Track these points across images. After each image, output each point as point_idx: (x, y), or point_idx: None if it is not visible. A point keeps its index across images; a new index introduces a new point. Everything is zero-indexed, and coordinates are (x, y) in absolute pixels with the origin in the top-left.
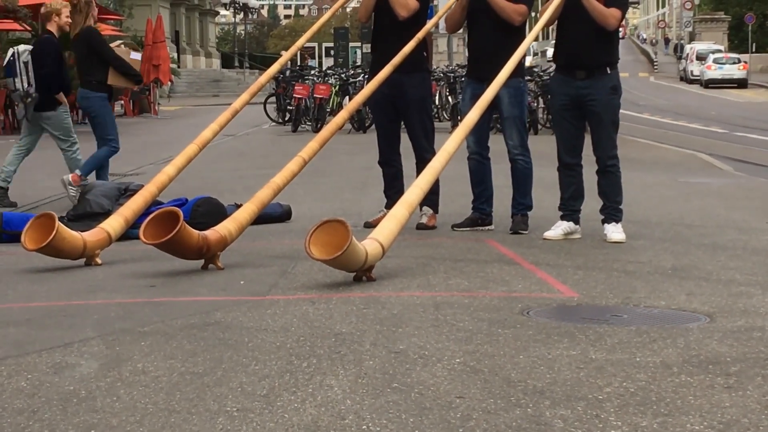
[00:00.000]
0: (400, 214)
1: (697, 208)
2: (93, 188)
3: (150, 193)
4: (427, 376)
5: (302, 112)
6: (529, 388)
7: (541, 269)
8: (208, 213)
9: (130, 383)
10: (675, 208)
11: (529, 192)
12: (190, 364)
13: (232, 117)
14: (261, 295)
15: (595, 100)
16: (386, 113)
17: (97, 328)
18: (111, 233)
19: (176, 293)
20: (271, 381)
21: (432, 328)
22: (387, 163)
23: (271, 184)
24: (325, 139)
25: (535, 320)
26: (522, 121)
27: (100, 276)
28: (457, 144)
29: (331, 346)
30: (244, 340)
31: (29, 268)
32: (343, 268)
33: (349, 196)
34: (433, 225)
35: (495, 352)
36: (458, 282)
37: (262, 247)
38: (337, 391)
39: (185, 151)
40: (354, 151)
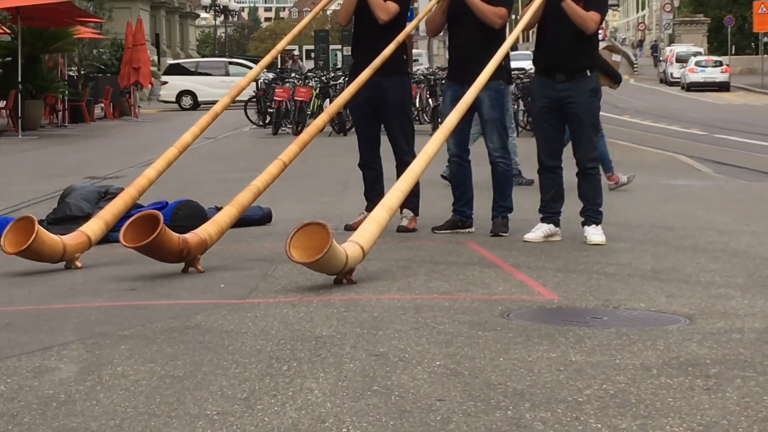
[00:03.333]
0: (380, 217)
1: (678, 211)
2: (73, 191)
3: (130, 197)
4: (407, 378)
5: (283, 114)
6: (510, 391)
7: (522, 271)
8: (189, 216)
9: (109, 387)
10: (655, 210)
11: (509, 194)
12: (170, 367)
13: (213, 120)
14: (241, 298)
15: (576, 103)
16: (366, 116)
17: (77, 332)
18: (91, 236)
19: (156, 296)
20: (252, 384)
21: (412, 330)
22: (367, 165)
23: (251, 187)
24: (306, 142)
25: (516, 323)
26: (502, 124)
27: (80, 279)
28: (438, 147)
29: (312, 349)
30: (225, 344)
31: (8, 271)
32: (323, 271)
33: (330, 199)
34: (413, 228)
35: (475, 354)
36: (438, 284)
37: (242, 250)
38: (317, 394)
39: (165, 155)
40: (334, 154)
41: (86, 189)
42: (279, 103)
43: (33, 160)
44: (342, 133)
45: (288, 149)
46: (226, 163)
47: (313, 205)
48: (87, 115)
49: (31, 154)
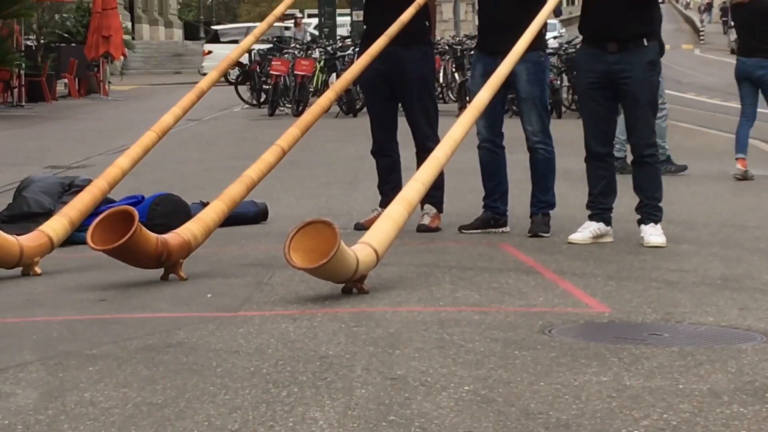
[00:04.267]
0: (397, 214)
1: (752, 206)
2: (31, 184)
3: (99, 190)
4: (430, 407)
5: (280, 92)
6: (552, 421)
7: (566, 279)
8: (169, 213)
9: (75, 416)
10: (725, 206)
11: (551, 187)
12: (147, 393)
13: (198, 99)
14: (232, 310)
15: (630, 78)
16: (381, 94)
17: (37, 351)
18: (53, 237)
19: (131, 309)
20: (244, 413)
21: (436, 349)
22: (382, 153)
23: (243, 179)
24: (308, 125)
25: (559, 340)
26: (543, 103)
27: (39, 288)
28: (466, 130)
29: (316, 372)
30: (212, 365)
31: None
32: (329, 279)
33: (337, 193)
34: (436, 226)
35: (511, 378)
36: (467, 295)
37: (233, 254)
38: (322, 425)
39: (142, 140)
40: (342, 139)
41: (47, 181)
42: (276, 78)
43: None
44: (351, 114)
45: (287, 133)
46: (214, 150)
47: (317, 200)
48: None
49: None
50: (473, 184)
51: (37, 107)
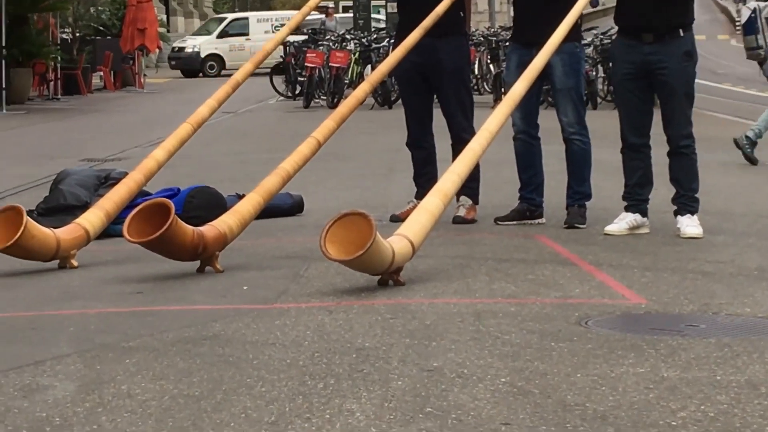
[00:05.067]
0: (432, 206)
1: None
2: (67, 176)
3: (135, 182)
4: (466, 398)
5: (315, 84)
6: (589, 413)
7: (602, 270)
8: (205, 205)
9: (113, 408)
10: (762, 196)
11: (587, 178)
12: (184, 385)
13: (233, 91)
14: (268, 302)
15: (666, 68)
16: (416, 85)
17: (74, 343)
18: (89, 230)
19: (167, 301)
20: (281, 405)
21: (472, 341)
22: (417, 144)
23: (279, 171)
24: (343, 117)
25: (595, 331)
26: (578, 94)
27: (76, 281)
28: (501, 122)
29: (352, 364)
30: (249, 357)
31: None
32: (365, 271)
33: (372, 185)
34: (472, 218)
35: (547, 369)
36: (503, 286)
37: (269, 246)
38: (359, 417)
39: (177, 132)
40: (377, 131)
41: (83, 174)
42: (311, 70)
43: (20, 140)
44: (386, 105)
45: (323, 125)
46: (249, 142)
47: (352, 192)
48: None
49: (18, 132)
50: (509, 175)
51: (72, 100)
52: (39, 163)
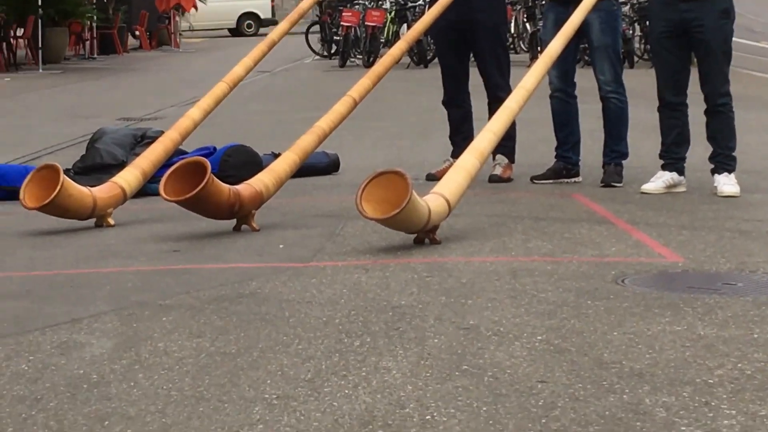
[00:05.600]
0: (469, 165)
1: None
2: (104, 135)
3: (171, 141)
4: (502, 356)
5: (351, 43)
6: (626, 371)
7: (639, 229)
8: (241, 164)
9: (149, 366)
10: None
11: (623, 137)
12: (220, 343)
13: (269, 50)
14: (304, 261)
15: (703, 26)
16: (452, 44)
17: (111, 301)
18: (126, 188)
19: (203, 259)
20: (317, 363)
21: (508, 299)
22: (453, 103)
23: (315, 130)
24: (379, 76)
25: (632, 290)
26: (616, 52)
27: (113, 239)
28: (538, 80)
29: (388, 322)
30: (285, 315)
31: (29, 230)
32: (401, 229)
33: (408, 144)
34: (508, 177)
35: (584, 328)
36: (539, 245)
37: (305, 205)
38: (395, 375)
39: (213, 91)
40: (413, 90)
41: (119, 133)
42: (347, 29)
43: (56, 99)
44: (422, 64)
45: (359, 84)
46: (285, 101)
47: (388, 151)
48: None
49: (54, 91)
50: (545, 134)
51: (108, 59)
52: (75, 122)
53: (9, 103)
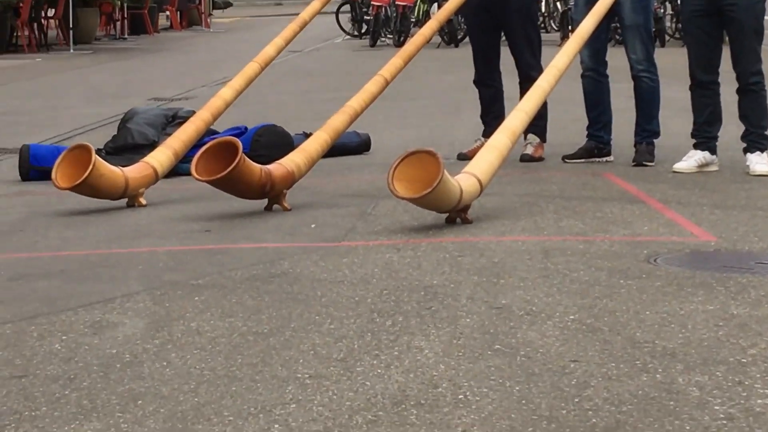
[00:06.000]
0: (500, 144)
1: None
2: (135, 115)
3: (203, 121)
4: (535, 335)
5: (382, 22)
6: (658, 350)
7: (671, 208)
8: (272, 144)
9: (182, 345)
10: None
11: (655, 116)
12: (252, 322)
13: (300, 29)
14: (336, 240)
15: (735, 5)
16: (483, 23)
17: (143, 281)
18: (157, 168)
19: (235, 239)
20: (350, 342)
21: (540, 279)
22: (484, 82)
23: (346, 109)
24: (411, 55)
25: (665, 269)
26: (647, 31)
27: (145, 219)
28: (569, 59)
29: (421, 301)
30: (317, 294)
31: (61, 210)
32: (433, 208)
33: (440, 123)
34: (540, 156)
35: (616, 307)
36: (571, 224)
37: (336, 184)
38: (428, 354)
39: (244, 71)
40: (444, 69)
41: (151, 113)
42: (377, 8)
43: (87, 79)
44: (453, 44)
45: (390, 63)
46: (316, 81)
47: (419, 130)
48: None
49: (85, 71)
50: (576, 113)
51: (139, 40)
52: (106, 102)
53: (41, 84)
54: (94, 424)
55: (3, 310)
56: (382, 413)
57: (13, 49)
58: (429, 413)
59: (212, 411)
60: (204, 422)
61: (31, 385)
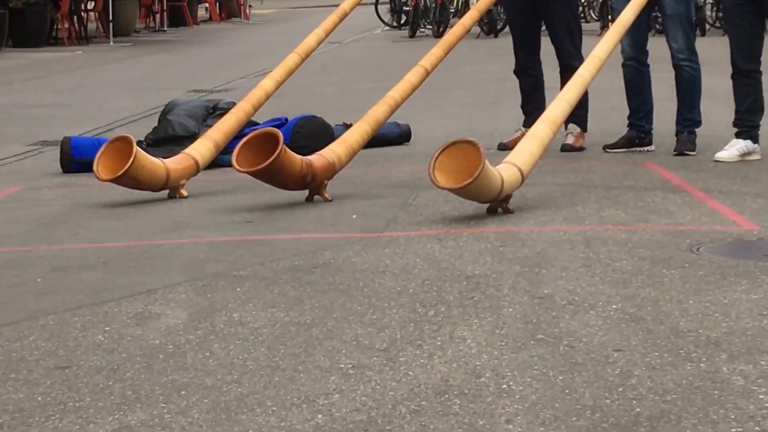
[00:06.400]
0: (541, 134)
1: None
2: (176, 107)
3: (244, 113)
4: (577, 325)
5: (421, 13)
6: (702, 339)
7: (713, 197)
8: (313, 135)
9: (225, 336)
10: None
11: (696, 105)
12: (295, 313)
13: (340, 20)
14: (377, 231)
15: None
16: (523, 13)
17: (185, 272)
18: (198, 160)
19: (277, 230)
20: (392, 333)
21: (583, 268)
22: (525, 72)
23: (387, 100)
24: (451, 45)
25: (707, 258)
26: (688, 19)
27: (186, 210)
28: (610, 48)
29: (463, 291)
30: (359, 285)
31: (103, 202)
32: (474, 198)
33: (480, 113)
34: (581, 146)
35: (659, 296)
36: (613, 213)
37: (377, 175)
38: (470, 344)
39: (285, 62)
40: (484, 60)
41: (191, 104)
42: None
43: (128, 71)
44: (493, 34)
45: (430, 54)
46: (356, 72)
47: (460, 121)
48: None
49: (125, 63)
50: (617, 102)
51: (178, 32)
52: (146, 94)
53: (81, 76)
54: (138, 414)
55: (46, 302)
56: (425, 403)
57: (53, 42)
58: (472, 403)
59: (255, 401)
60: (247, 412)
61: (75, 376)
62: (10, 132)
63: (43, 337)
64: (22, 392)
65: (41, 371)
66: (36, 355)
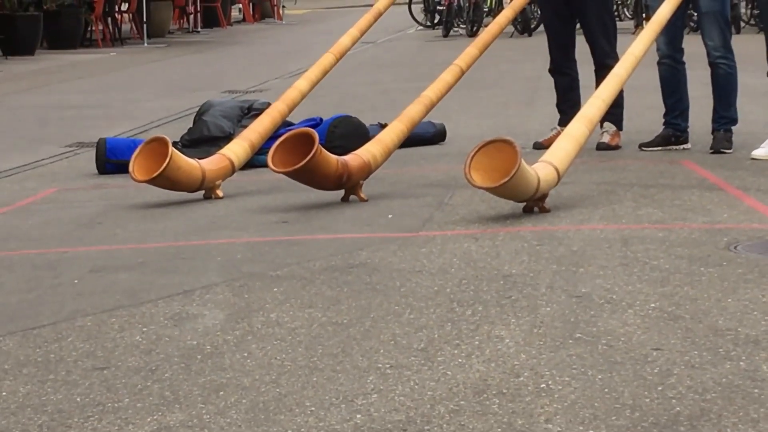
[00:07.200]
0: (577, 132)
1: None
2: (211, 108)
3: (279, 113)
4: (616, 324)
5: (455, 12)
6: (741, 338)
7: (750, 195)
8: (348, 134)
9: (262, 336)
10: None
11: (733, 103)
12: (332, 313)
13: (375, 20)
14: (413, 230)
15: None
16: (558, 11)
17: (222, 273)
18: (234, 160)
19: (313, 230)
20: (430, 332)
21: (620, 267)
22: (560, 71)
23: (422, 99)
24: (486, 44)
25: (745, 256)
26: (724, 17)
27: (222, 211)
28: (646, 46)
29: (500, 290)
30: (396, 285)
31: (140, 203)
32: (510, 198)
33: (515, 112)
34: (616, 144)
35: (697, 295)
36: (650, 212)
37: (412, 174)
38: (508, 344)
39: (320, 62)
40: (518, 59)
41: (226, 105)
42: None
43: (162, 72)
44: (527, 33)
45: (465, 53)
46: (390, 72)
47: (495, 120)
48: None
49: (159, 65)
50: (653, 101)
51: (212, 33)
52: (181, 95)
53: (115, 78)
54: (177, 415)
55: (84, 303)
56: (464, 402)
57: (87, 43)
58: (511, 402)
59: (294, 401)
60: (286, 413)
61: (113, 376)
62: (46, 133)
63: (81, 338)
64: (61, 393)
65: (79, 372)
66: (74, 356)
